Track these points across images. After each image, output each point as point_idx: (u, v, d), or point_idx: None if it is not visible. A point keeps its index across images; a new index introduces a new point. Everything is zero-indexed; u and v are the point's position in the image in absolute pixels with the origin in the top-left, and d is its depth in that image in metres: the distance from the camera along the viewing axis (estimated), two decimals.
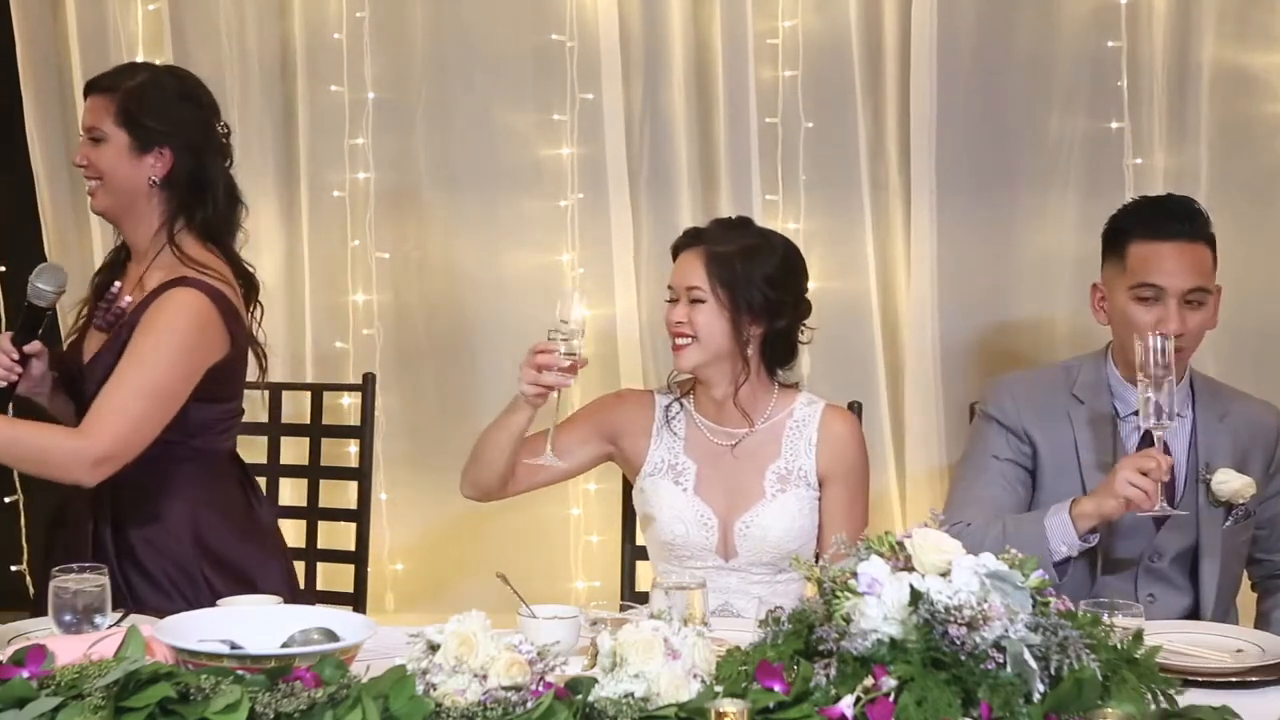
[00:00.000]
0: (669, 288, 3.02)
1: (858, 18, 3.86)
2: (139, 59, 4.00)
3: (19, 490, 4.11)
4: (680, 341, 2.96)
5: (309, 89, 4.02)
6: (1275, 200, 3.84)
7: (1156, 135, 3.82)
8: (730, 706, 1.87)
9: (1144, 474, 2.71)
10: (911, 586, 2.02)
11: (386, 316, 4.03)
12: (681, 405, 3.07)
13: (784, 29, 3.89)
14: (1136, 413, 2.81)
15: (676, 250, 3.03)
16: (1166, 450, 2.79)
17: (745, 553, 2.97)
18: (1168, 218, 2.94)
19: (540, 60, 3.97)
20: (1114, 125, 3.82)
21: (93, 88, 2.96)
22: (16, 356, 2.84)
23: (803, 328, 3.02)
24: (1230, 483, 2.93)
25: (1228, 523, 2.97)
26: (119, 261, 3.03)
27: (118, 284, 2.98)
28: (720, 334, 2.93)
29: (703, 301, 2.93)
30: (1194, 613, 2.98)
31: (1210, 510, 2.96)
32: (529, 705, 1.97)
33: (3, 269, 4.07)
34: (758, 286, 2.92)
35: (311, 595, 3.53)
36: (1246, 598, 3.16)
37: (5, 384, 2.83)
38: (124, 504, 2.90)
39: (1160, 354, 2.71)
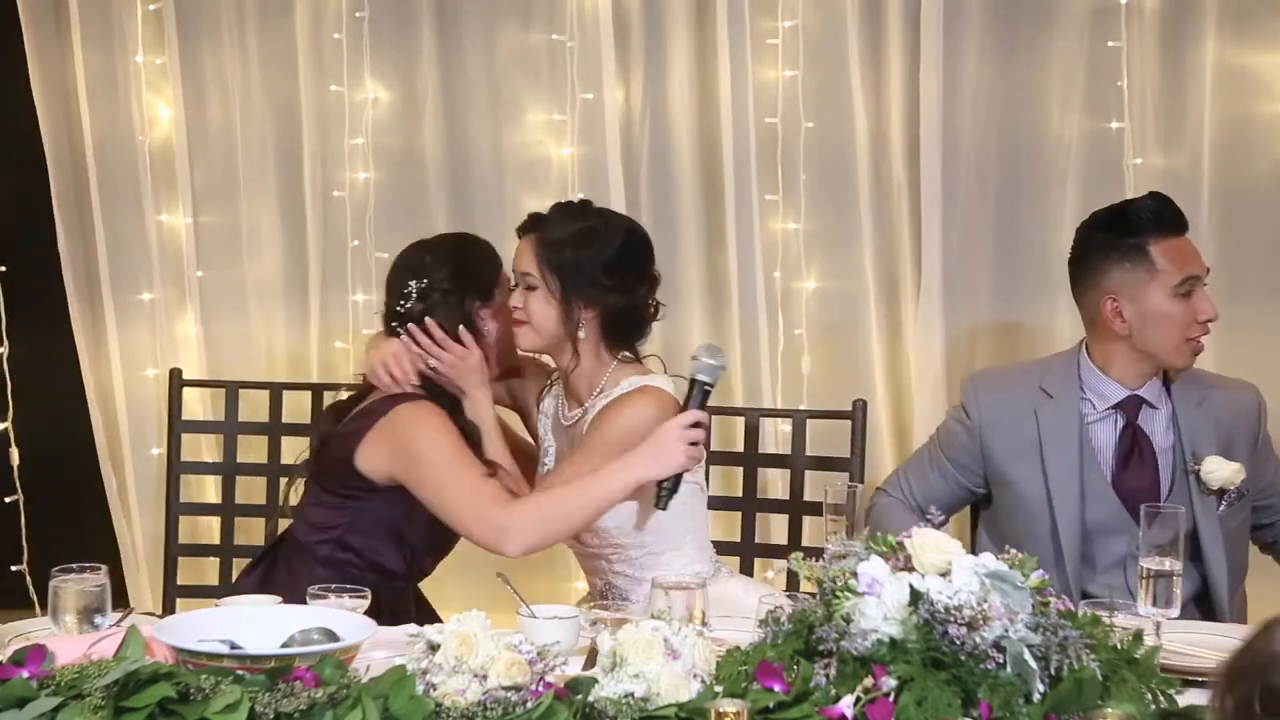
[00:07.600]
0: (511, 271, 2.98)
1: (857, 17, 3.85)
2: (139, 59, 4.02)
3: (19, 490, 4.10)
4: (516, 325, 2.93)
5: (309, 88, 4.02)
6: (1276, 200, 3.84)
7: (1156, 135, 3.82)
8: (730, 706, 1.87)
9: None
10: (911, 586, 2.02)
11: None
12: (551, 383, 3.07)
13: (784, 29, 3.89)
14: (1117, 406, 2.97)
15: (519, 235, 2.98)
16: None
17: (587, 535, 2.93)
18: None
19: (540, 60, 3.97)
20: (1114, 125, 3.82)
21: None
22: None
23: (651, 302, 2.95)
24: (1219, 471, 2.96)
25: (1221, 508, 3.00)
26: None
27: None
28: (551, 320, 2.89)
29: (534, 288, 2.89)
30: (1204, 594, 2.99)
31: (1203, 499, 2.98)
32: (529, 705, 1.97)
33: (3, 269, 4.08)
34: (589, 273, 2.88)
35: None
36: (1255, 583, 3.14)
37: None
38: None
39: None
